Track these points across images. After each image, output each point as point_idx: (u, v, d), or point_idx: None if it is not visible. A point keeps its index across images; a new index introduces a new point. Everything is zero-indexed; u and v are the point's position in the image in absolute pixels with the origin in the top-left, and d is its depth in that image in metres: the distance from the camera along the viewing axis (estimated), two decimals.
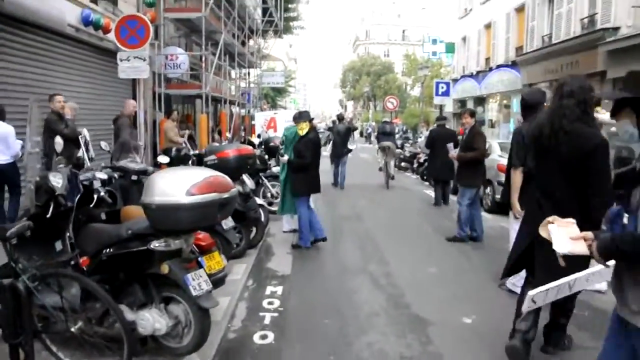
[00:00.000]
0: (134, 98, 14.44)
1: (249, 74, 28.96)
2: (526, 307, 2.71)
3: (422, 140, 19.61)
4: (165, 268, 3.61)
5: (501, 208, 9.59)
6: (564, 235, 2.48)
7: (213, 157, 6.30)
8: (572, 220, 2.58)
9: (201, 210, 3.52)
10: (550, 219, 2.58)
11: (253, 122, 19.16)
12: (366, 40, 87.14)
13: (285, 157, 7.48)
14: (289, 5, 33.67)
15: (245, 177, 7.43)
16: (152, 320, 3.60)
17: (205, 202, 3.51)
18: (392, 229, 9.22)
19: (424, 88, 38.34)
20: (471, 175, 8.31)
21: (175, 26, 18.03)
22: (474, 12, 27.60)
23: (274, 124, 16.40)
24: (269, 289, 5.66)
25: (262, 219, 7.56)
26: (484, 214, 10.23)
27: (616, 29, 14.56)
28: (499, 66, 23.26)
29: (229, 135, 15.26)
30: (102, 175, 5.33)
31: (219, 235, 5.62)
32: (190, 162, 7.44)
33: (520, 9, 21.62)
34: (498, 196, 10.86)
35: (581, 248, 2.36)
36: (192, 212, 3.49)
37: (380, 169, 16.53)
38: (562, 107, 3.74)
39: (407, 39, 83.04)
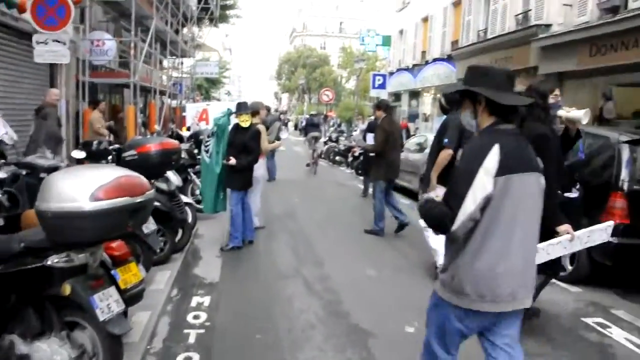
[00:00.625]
0: (53, 86, 13.50)
1: (182, 63, 27.91)
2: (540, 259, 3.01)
3: (357, 134, 19.40)
4: (66, 289, 3.05)
5: None
6: None
7: (133, 152, 5.53)
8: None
9: (108, 218, 2.97)
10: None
11: (184, 114, 18.35)
12: (303, 32, 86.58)
13: (233, 161, 6.82)
14: None
15: (170, 173, 6.85)
16: (50, 352, 3.03)
17: (114, 209, 2.97)
18: (326, 226, 8.87)
19: (359, 81, 38.29)
20: (374, 168, 8.42)
21: (103, 9, 16.98)
22: (412, 5, 27.63)
23: (205, 115, 15.65)
24: (195, 300, 5.11)
25: (190, 219, 7.03)
26: None
27: (548, 25, 14.75)
28: (434, 60, 23.35)
29: (157, 127, 14.50)
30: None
31: (139, 241, 5.06)
32: (109, 157, 6.81)
33: (457, 3, 21.73)
34: None
35: None
36: (97, 221, 2.94)
37: (307, 165, 17.50)
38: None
39: (344, 32, 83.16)
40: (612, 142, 5.97)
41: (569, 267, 5.94)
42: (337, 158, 19.87)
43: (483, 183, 2.43)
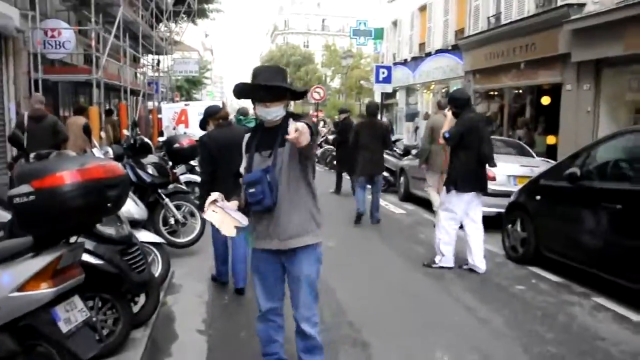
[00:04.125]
0: (0, 85, 11.26)
1: (158, 62, 25.47)
2: None
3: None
4: None
5: None
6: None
7: (26, 188, 2.68)
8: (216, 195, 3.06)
9: None
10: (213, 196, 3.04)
11: (160, 116, 16.03)
12: (285, 30, 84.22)
13: None
14: None
15: (130, 202, 4.63)
16: None
17: None
18: (344, 256, 6.63)
19: (346, 79, 36.22)
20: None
21: None
22: None
23: (185, 117, 13.46)
24: None
25: (158, 270, 4.79)
26: None
27: (581, 5, 12.66)
28: (437, 51, 21.19)
29: (127, 133, 12.15)
30: None
31: (55, 345, 2.80)
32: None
33: None
34: None
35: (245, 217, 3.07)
36: None
37: None
38: None
39: (327, 29, 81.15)
40: None
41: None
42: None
43: None
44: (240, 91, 3.13)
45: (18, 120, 8.83)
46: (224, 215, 2.92)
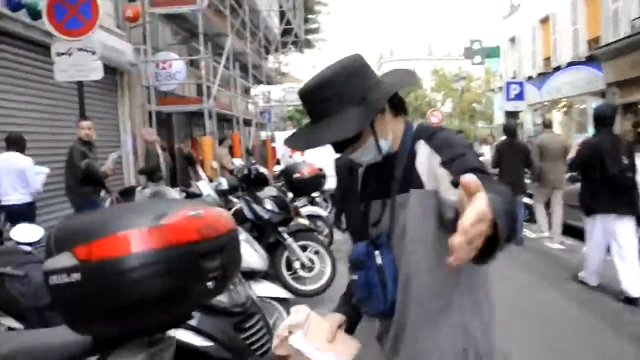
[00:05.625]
0: (117, 118, 11.16)
1: (269, 91, 25.42)
2: None
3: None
4: None
5: None
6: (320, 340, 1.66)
7: (68, 259, 1.44)
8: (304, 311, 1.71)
9: None
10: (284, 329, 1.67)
11: (274, 145, 15.41)
12: (391, 58, 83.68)
13: None
14: (309, 16, 30.20)
15: (247, 248, 3.63)
16: None
17: None
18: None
19: (458, 102, 34.82)
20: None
21: (172, 30, 14.48)
22: (525, 7, 23.65)
23: None
24: None
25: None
26: None
27: None
28: (569, 64, 19.12)
29: (240, 162, 11.50)
30: None
31: None
32: None
33: None
34: None
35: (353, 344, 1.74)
36: None
37: None
38: None
39: (433, 54, 79.63)
40: None
41: None
42: None
43: None
44: (297, 144, 1.68)
45: (154, 153, 9.08)
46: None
